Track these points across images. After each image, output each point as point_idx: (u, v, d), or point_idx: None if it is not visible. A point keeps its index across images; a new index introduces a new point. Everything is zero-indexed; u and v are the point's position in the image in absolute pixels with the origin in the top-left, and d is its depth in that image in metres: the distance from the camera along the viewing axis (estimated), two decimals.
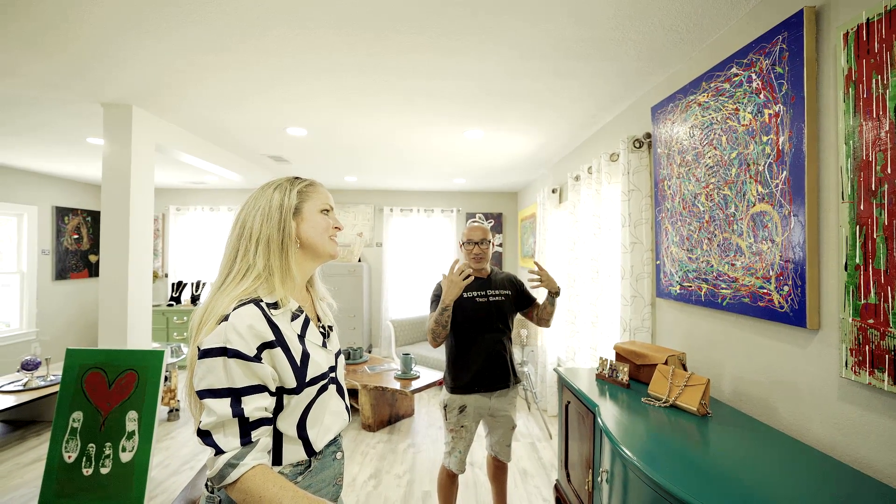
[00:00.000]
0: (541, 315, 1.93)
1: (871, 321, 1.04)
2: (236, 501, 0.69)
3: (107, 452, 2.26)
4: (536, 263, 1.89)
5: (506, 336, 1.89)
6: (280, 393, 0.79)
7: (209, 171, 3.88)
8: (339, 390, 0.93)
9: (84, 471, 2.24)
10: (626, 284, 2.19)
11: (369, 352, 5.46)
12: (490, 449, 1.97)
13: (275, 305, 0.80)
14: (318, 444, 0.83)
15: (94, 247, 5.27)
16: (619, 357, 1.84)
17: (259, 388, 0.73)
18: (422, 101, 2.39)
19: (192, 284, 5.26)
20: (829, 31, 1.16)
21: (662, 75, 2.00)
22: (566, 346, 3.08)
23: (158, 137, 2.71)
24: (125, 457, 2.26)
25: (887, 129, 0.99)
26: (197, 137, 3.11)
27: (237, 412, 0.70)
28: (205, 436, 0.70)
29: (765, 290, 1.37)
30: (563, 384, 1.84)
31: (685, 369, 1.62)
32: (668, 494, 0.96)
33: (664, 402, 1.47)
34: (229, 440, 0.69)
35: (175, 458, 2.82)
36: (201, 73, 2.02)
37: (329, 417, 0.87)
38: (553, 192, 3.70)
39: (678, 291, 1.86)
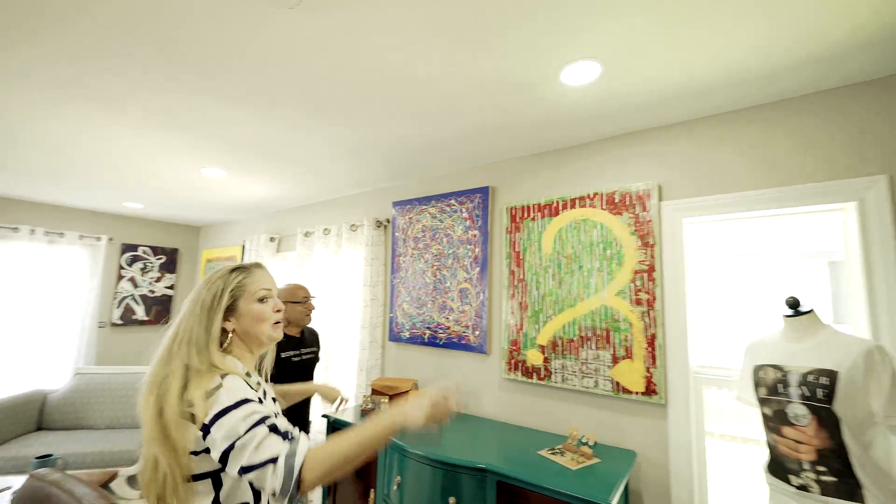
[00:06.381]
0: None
1: (514, 348, 2.16)
2: (318, 479, 0.77)
3: None
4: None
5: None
6: None
7: None
8: None
9: None
10: (366, 333, 2.76)
11: None
12: None
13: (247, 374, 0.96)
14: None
15: None
16: (375, 391, 2.35)
17: (275, 417, 0.86)
18: (174, 132, 2.05)
19: None
20: (499, 202, 2.34)
21: (402, 182, 2.85)
22: None
23: None
24: None
25: (519, 258, 2.18)
26: None
27: (271, 426, 0.81)
28: (253, 467, 0.77)
29: (466, 334, 2.36)
30: (339, 427, 2.12)
31: (417, 389, 2.36)
32: (441, 462, 1.61)
33: None
34: (276, 445, 0.79)
35: None
36: None
37: None
38: (271, 240, 3.76)
39: (408, 336, 2.64)
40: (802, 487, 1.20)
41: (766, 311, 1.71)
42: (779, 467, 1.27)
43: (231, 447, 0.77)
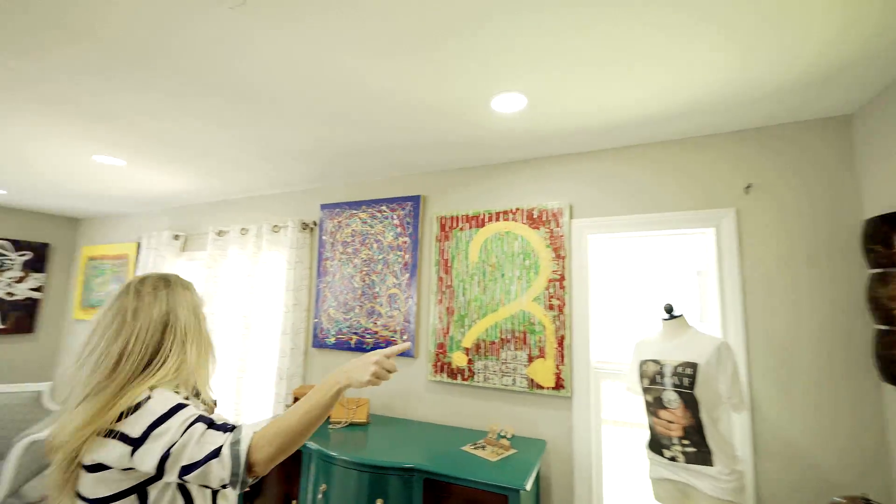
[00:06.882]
0: None
1: (440, 351, 2.26)
2: (269, 458, 0.75)
3: None
4: None
5: None
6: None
7: None
8: None
9: None
10: (287, 339, 2.65)
11: None
12: None
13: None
14: None
15: None
16: (296, 400, 2.27)
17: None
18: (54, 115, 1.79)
19: None
20: (430, 211, 2.43)
21: (331, 185, 2.79)
22: None
23: None
24: None
25: (448, 265, 2.30)
26: None
27: (208, 422, 0.78)
28: (195, 465, 0.73)
29: (394, 339, 2.40)
30: None
31: (343, 396, 2.34)
32: (368, 466, 1.65)
33: (344, 424, 2.11)
34: (217, 438, 0.76)
35: None
36: None
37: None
38: (176, 238, 3.39)
39: (333, 342, 2.59)
40: (672, 458, 1.48)
41: (651, 313, 2.04)
42: (656, 444, 1.54)
43: (167, 454, 0.73)
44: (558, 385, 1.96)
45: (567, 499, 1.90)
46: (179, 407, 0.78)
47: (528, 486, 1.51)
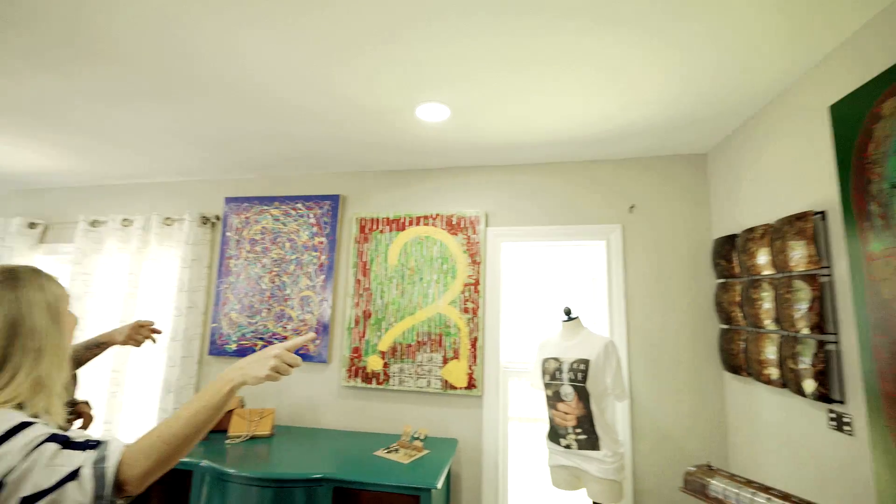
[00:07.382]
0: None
1: (355, 355, 2.21)
2: (145, 474, 0.66)
3: None
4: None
5: None
6: None
7: None
8: None
9: None
10: (178, 346, 2.35)
11: None
12: None
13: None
14: None
15: None
16: None
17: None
18: None
19: None
20: (350, 212, 2.37)
21: (240, 177, 2.57)
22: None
23: None
24: None
25: (366, 267, 2.27)
26: None
27: (62, 440, 0.66)
28: (44, 493, 0.60)
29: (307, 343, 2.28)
30: None
31: (243, 407, 2.15)
32: (271, 480, 1.56)
33: (245, 438, 1.94)
34: (74, 458, 0.64)
35: None
36: None
37: None
38: (31, 226, 2.80)
39: (234, 348, 2.37)
40: (567, 446, 1.64)
41: (552, 315, 2.25)
42: (554, 434, 1.70)
43: (1, 484, 0.60)
44: (470, 385, 2.05)
45: (475, 492, 1.99)
46: (22, 426, 0.65)
47: (439, 485, 1.55)
